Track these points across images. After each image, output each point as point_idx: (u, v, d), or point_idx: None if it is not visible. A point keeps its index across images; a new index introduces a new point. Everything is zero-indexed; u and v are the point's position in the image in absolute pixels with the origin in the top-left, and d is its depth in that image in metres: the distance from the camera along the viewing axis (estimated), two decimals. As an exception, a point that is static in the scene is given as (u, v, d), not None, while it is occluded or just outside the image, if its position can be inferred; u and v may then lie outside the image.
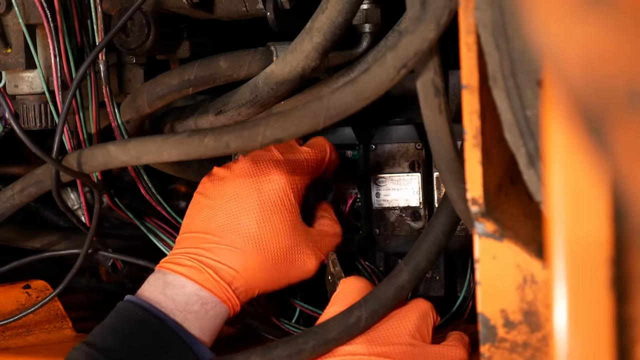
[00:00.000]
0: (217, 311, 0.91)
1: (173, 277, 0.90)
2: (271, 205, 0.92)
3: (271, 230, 0.91)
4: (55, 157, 0.92)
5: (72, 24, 0.96)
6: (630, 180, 0.38)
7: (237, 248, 0.91)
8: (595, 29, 0.35)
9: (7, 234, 1.10)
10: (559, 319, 0.55)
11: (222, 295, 0.90)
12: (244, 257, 0.91)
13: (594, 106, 0.37)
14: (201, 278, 0.90)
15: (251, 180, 0.92)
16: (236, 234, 0.91)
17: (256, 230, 0.91)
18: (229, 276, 0.90)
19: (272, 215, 0.91)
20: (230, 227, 0.91)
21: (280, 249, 0.91)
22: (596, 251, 0.53)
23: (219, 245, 0.91)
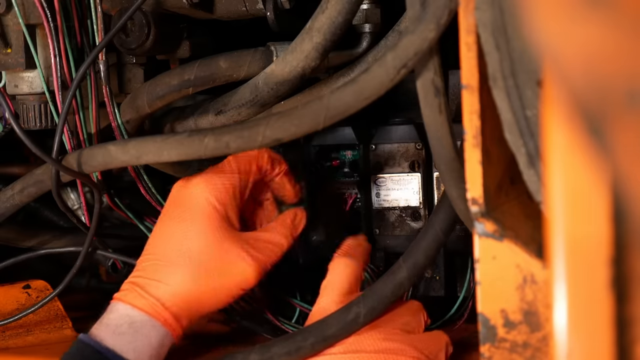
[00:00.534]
0: (148, 329, 0.87)
1: (111, 304, 0.90)
2: (192, 215, 0.90)
3: (195, 239, 0.89)
4: (55, 157, 0.92)
5: (72, 24, 0.96)
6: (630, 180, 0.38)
7: (166, 261, 0.89)
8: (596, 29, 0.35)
9: (7, 234, 1.10)
10: (559, 319, 0.55)
11: (151, 311, 0.87)
12: (173, 269, 0.89)
13: (594, 106, 0.37)
14: (131, 297, 0.88)
15: (177, 196, 0.92)
16: (165, 248, 0.90)
17: (180, 241, 0.89)
18: (159, 290, 0.88)
19: (194, 225, 0.89)
20: (159, 242, 0.91)
21: (206, 256, 0.89)
22: (596, 251, 0.53)
23: (151, 262, 0.90)
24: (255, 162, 0.94)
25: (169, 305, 0.88)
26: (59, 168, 0.92)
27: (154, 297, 0.88)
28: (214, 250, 0.89)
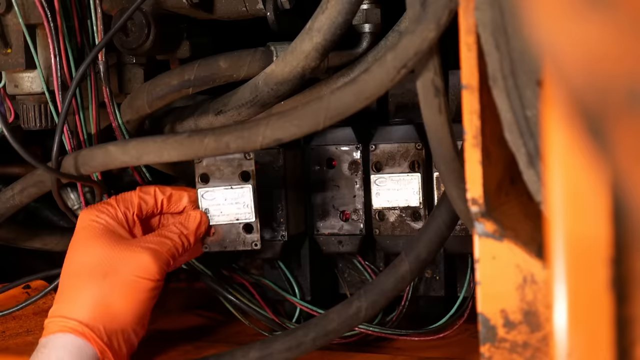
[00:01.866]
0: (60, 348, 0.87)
1: None
2: (79, 236, 0.93)
3: (84, 251, 0.91)
4: (55, 159, 0.92)
5: (72, 24, 0.96)
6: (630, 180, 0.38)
7: (65, 282, 0.91)
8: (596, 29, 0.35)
9: (7, 234, 1.10)
10: (559, 319, 0.55)
11: (55, 327, 0.88)
12: (72, 285, 0.90)
13: (594, 106, 0.37)
14: (44, 333, 0.90)
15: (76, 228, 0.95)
16: (65, 274, 0.92)
17: (74, 261, 0.92)
18: (64, 308, 0.89)
19: (81, 241, 0.92)
20: (62, 274, 0.93)
21: (98, 261, 0.90)
22: (596, 251, 0.53)
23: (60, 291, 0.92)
24: (132, 200, 0.96)
25: (73, 316, 0.88)
26: (57, 175, 0.92)
27: (57, 316, 0.89)
28: (99, 255, 0.90)
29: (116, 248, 0.90)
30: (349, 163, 1.06)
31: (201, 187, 0.97)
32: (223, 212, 0.97)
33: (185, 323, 1.18)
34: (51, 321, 0.89)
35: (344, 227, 1.07)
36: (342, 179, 1.06)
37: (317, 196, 1.08)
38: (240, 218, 0.97)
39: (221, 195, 0.97)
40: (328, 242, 1.08)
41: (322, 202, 1.07)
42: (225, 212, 0.97)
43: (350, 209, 1.06)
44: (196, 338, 1.05)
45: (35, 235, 1.12)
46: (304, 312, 1.08)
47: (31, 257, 1.28)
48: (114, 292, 0.89)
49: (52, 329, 0.89)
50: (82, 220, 0.94)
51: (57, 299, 0.91)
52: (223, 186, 0.97)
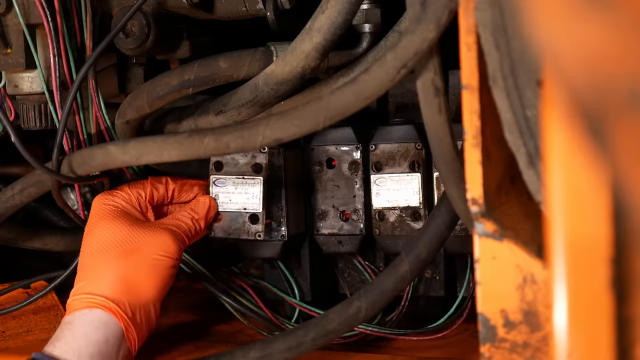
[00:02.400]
0: (84, 323, 0.90)
1: None
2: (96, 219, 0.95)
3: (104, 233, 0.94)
4: (56, 160, 0.92)
5: (72, 24, 0.96)
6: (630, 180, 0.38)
7: (87, 263, 0.93)
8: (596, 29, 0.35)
9: (7, 234, 1.10)
10: (559, 319, 0.55)
11: (81, 304, 0.90)
12: (82, 263, 0.94)
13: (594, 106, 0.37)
14: (68, 310, 0.92)
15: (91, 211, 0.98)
16: (84, 256, 0.94)
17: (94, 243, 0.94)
18: (89, 286, 0.91)
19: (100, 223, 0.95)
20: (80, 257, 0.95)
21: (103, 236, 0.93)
22: (596, 251, 0.53)
23: (78, 274, 0.94)
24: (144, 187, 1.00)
25: (99, 292, 0.90)
26: (55, 177, 0.92)
27: (83, 293, 0.91)
28: (121, 233, 0.93)
29: (136, 227, 0.94)
30: (349, 163, 1.06)
31: (214, 174, 1.02)
32: (232, 200, 1.02)
33: (185, 323, 1.18)
34: (76, 299, 0.91)
35: (344, 227, 1.07)
36: (342, 179, 1.06)
37: (317, 196, 1.08)
38: (247, 208, 1.01)
39: (232, 184, 1.01)
40: (328, 242, 1.08)
41: (322, 202, 1.07)
42: (234, 200, 1.01)
43: (350, 209, 1.06)
44: (196, 338, 1.05)
45: (35, 235, 1.12)
46: (303, 312, 1.08)
47: (31, 257, 1.28)
48: (139, 270, 0.92)
49: (77, 306, 0.91)
50: (98, 204, 0.96)
51: (80, 277, 0.93)
52: (235, 175, 1.02)
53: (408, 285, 1.00)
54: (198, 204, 1.01)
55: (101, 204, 0.96)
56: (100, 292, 0.90)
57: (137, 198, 0.98)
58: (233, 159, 1.02)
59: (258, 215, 1.01)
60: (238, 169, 1.02)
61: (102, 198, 0.97)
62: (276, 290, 1.10)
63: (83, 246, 0.95)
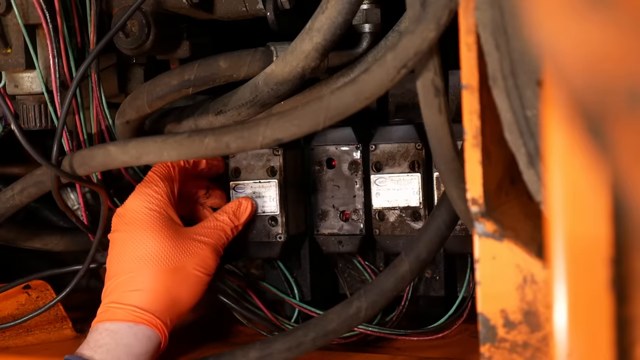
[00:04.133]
0: (130, 337, 0.91)
1: (92, 329, 0.93)
2: (133, 225, 0.95)
3: (148, 243, 0.94)
4: (55, 159, 0.92)
5: (72, 24, 0.96)
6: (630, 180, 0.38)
7: (126, 273, 0.94)
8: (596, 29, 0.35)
9: (7, 234, 1.10)
10: (559, 319, 0.55)
11: (129, 317, 0.92)
12: (132, 275, 0.93)
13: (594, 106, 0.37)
14: (108, 315, 0.93)
15: (119, 218, 0.97)
16: (122, 265, 0.94)
17: (131, 250, 0.94)
18: (132, 298, 0.92)
19: (136, 231, 0.95)
20: (117, 264, 0.95)
21: (155, 250, 0.94)
22: (596, 251, 0.53)
23: (115, 283, 0.94)
24: (173, 168, 1.00)
25: (147, 308, 0.92)
26: (58, 173, 0.92)
27: (130, 305, 0.92)
28: (168, 247, 0.94)
29: (180, 241, 0.95)
30: (349, 163, 1.06)
31: (233, 181, 1.06)
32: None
33: (185, 323, 1.18)
34: (121, 309, 0.92)
35: (344, 227, 1.07)
36: (342, 179, 1.06)
37: (317, 196, 1.08)
38: (266, 211, 1.05)
39: (250, 189, 1.05)
40: (328, 242, 1.08)
41: (322, 202, 1.07)
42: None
43: (350, 209, 1.06)
44: (196, 338, 1.05)
45: (35, 235, 1.12)
46: (303, 312, 1.08)
47: (31, 257, 1.28)
48: (182, 287, 0.95)
49: (123, 316, 0.92)
50: (137, 207, 0.96)
51: (123, 285, 0.93)
52: (252, 180, 1.05)
53: (408, 285, 1.00)
54: (240, 208, 1.02)
55: (140, 208, 0.96)
56: (148, 308, 0.92)
57: (170, 192, 0.98)
58: (249, 164, 1.05)
59: (277, 218, 1.04)
60: (255, 173, 1.05)
61: (139, 201, 0.96)
62: (276, 291, 1.10)
63: (122, 250, 0.95)
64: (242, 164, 1.06)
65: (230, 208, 1.02)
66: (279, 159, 1.04)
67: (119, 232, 0.96)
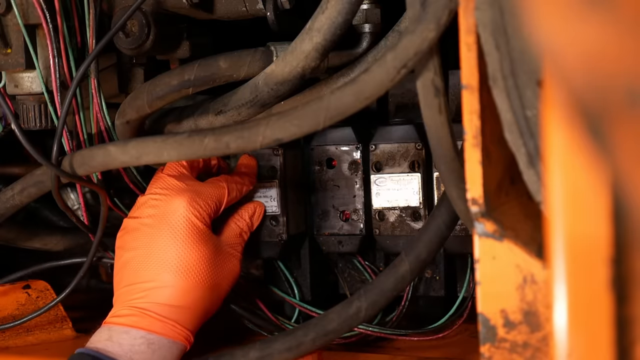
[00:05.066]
0: (166, 349, 0.92)
1: (117, 327, 0.92)
2: (181, 235, 0.93)
3: (188, 257, 0.93)
4: (55, 159, 0.92)
5: (72, 24, 0.96)
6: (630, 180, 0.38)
7: (168, 285, 0.92)
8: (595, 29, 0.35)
9: (7, 234, 1.10)
10: (559, 319, 0.55)
11: (170, 333, 0.92)
12: (176, 290, 0.92)
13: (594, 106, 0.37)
14: (144, 323, 0.91)
15: (158, 220, 0.94)
16: (162, 273, 0.92)
17: (176, 263, 0.92)
18: (170, 312, 0.92)
19: (184, 244, 0.93)
20: (154, 269, 0.93)
21: (202, 268, 0.93)
22: (596, 251, 0.53)
23: (151, 288, 0.92)
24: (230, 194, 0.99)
25: (187, 325, 0.93)
26: (58, 173, 0.92)
27: (171, 320, 0.92)
28: (211, 264, 0.94)
29: (219, 257, 0.95)
30: (349, 163, 1.06)
31: None
32: None
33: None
34: (161, 320, 0.91)
35: (344, 227, 1.07)
36: (342, 179, 1.06)
37: (317, 196, 1.08)
38: (268, 211, 1.05)
39: (252, 189, 1.05)
40: (328, 242, 1.08)
41: (322, 202, 1.07)
42: None
43: (350, 209, 1.06)
44: (196, 338, 1.05)
45: (35, 235, 1.12)
46: (303, 312, 1.08)
47: (31, 257, 1.28)
48: (215, 303, 0.96)
49: (162, 329, 0.91)
50: (185, 215, 0.94)
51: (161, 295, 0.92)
52: None
53: (408, 285, 1.00)
54: (255, 214, 1.03)
55: (195, 218, 0.94)
56: (187, 325, 0.93)
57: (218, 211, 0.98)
58: None
59: (278, 218, 1.04)
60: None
61: (195, 209, 0.94)
62: (276, 290, 1.10)
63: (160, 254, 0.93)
64: None
65: (247, 214, 1.02)
66: (279, 159, 1.04)
67: (155, 231, 0.94)
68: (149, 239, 0.94)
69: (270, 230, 1.05)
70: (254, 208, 1.03)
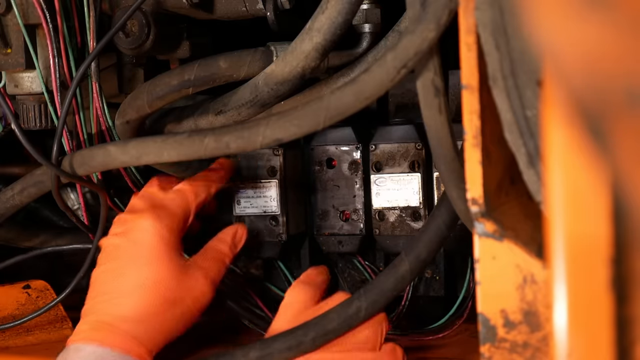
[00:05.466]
0: None
1: (73, 346, 0.90)
2: (143, 251, 0.92)
3: (148, 271, 0.91)
4: (55, 159, 0.92)
5: (72, 24, 0.96)
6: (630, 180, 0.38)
7: (126, 296, 0.91)
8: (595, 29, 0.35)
9: (7, 233, 1.10)
10: (559, 319, 0.55)
11: (124, 347, 0.89)
12: (132, 301, 0.90)
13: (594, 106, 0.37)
14: (98, 336, 0.89)
15: (123, 238, 0.93)
16: (123, 285, 0.91)
17: (135, 277, 0.91)
18: (125, 324, 0.90)
19: (144, 259, 0.92)
20: (117, 281, 0.92)
21: (161, 282, 0.91)
22: (596, 251, 0.53)
23: (110, 299, 0.91)
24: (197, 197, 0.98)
25: (144, 340, 0.90)
26: (58, 173, 0.92)
27: (125, 332, 0.89)
28: (171, 280, 0.92)
29: (185, 276, 0.93)
30: (349, 163, 1.06)
31: (234, 180, 1.06)
32: (252, 205, 1.06)
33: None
34: (117, 334, 0.89)
35: (344, 227, 1.07)
36: (342, 179, 1.06)
37: (317, 196, 1.08)
38: (267, 210, 1.05)
39: (251, 189, 1.06)
40: (328, 242, 1.08)
41: (322, 202, 1.07)
42: (254, 204, 1.06)
43: (350, 209, 1.06)
44: (196, 338, 1.05)
45: (35, 236, 1.12)
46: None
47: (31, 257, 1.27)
48: (180, 322, 0.93)
49: (114, 341, 0.88)
50: (150, 229, 0.93)
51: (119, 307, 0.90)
52: (253, 180, 1.06)
53: (408, 285, 1.00)
54: (236, 237, 1.00)
55: (158, 233, 0.93)
56: (144, 341, 0.90)
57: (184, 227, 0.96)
58: (250, 164, 1.06)
59: (277, 218, 1.04)
60: (256, 173, 1.06)
61: (158, 225, 0.93)
62: (276, 290, 1.10)
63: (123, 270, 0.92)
64: (242, 164, 1.06)
65: (228, 237, 0.99)
66: (279, 159, 1.04)
67: (121, 249, 0.93)
68: (113, 256, 0.94)
69: (270, 230, 1.05)
70: (236, 230, 1.00)
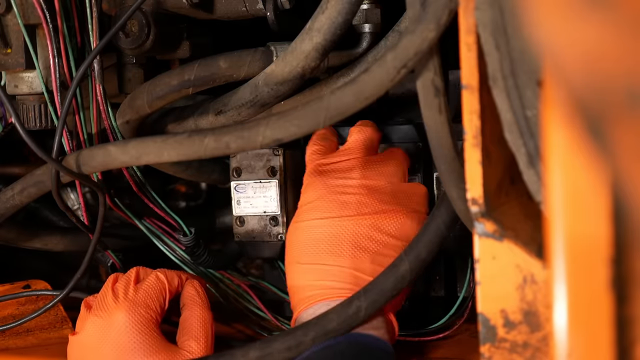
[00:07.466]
0: None
1: None
2: (122, 345, 0.91)
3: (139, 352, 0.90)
4: (55, 157, 0.92)
5: (72, 24, 0.96)
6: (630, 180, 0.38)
7: None
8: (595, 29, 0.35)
9: (7, 234, 1.10)
10: (559, 319, 0.55)
11: None
12: None
13: (594, 106, 0.37)
14: None
15: (101, 332, 0.93)
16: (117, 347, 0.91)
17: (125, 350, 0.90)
18: None
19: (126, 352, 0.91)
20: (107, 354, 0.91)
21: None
22: (596, 251, 0.53)
23: None
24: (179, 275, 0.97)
25: None
26: (59, 169, 0.92)
27: None
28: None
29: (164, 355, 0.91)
30: (349, 163, 1.06)
31: (234, 180, 1.06)
32: (252, 204, 1.05)
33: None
34: None
35: (344, 227, 1.06)
36: (342, 179, 1.06)
37: (317, 196, 1.07)
38: (267, 211, 1.05)
39: (251, 189, 1.05)
40: (328, 242, 1.07)
41: (322, 202, 1.07)
42: (254, 204, 1.05)
43: (350, 209, 1.06)
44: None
45: (35, 236, 1.12)
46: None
47: (31, 257, 1.28)
48: None
49: None
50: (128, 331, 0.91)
51: None
52: (253, 180, 1.05)
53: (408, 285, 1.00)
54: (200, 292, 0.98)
55: (146, 312, 0.92)
56: None
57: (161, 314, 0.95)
58: (250, 164, 1.05)
59: (277, 218, 1.04)
60: (255, 173, 1.05)
61: (136, 319, 0.92)
62: (276, 290, 1.10)
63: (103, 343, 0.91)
64: (242, 164, 1.06)
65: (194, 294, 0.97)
66: (279, 159, 1.04)
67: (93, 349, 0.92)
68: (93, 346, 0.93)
69: (270, 230, 1.05)
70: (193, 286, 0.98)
